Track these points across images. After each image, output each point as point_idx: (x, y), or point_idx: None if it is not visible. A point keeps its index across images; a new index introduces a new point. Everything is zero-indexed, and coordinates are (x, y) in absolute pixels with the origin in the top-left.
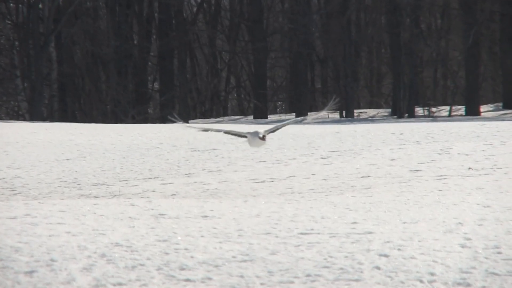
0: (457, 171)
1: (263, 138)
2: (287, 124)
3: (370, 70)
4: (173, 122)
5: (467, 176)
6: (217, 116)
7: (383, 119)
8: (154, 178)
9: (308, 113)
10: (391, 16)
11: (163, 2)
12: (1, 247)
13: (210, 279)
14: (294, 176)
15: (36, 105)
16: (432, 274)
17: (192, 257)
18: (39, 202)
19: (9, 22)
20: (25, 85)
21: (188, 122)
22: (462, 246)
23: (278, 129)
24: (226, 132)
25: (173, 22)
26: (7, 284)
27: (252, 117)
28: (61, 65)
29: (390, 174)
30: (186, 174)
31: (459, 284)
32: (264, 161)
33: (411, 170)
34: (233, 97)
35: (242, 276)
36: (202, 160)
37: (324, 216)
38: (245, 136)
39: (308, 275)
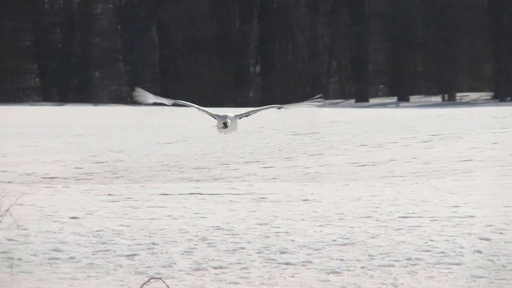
0: None
1: (224, 125)
2: (261, 109)
3: (471, 54)
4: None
5: None
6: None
7: (484, 102)
8: (255, 161)
9: (289, 105)
10: None
11: None
12: (103, 230)
13: (310, 262)
14: (395, 159)
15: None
16: None
17: (292, 240)
18: (141, 186)
19: (111, 6)
20: (127, 68)
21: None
22: None
23: (250, 114)
24: (200, 109)
25: (274, 5)
26: (109, 266)
27: (353, 100)
28: (162, 49)
29: (492, 157)
30: (287, 158)
31: None
32: (365, 145)
33: None
34: (334, 81)
35: (342, 260)
36: (303, 143)
37: (425, 200)
38: (215, 118)
39: (409, 259)
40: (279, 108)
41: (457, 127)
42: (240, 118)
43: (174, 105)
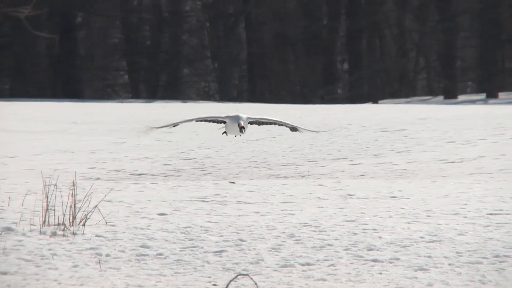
0: None
1: (241, 129)
2: (275, 122)
3: None
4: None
5: None
6: (406, 96)
7: None
8: (343, 158)
9: (303, 128)
10: None
11: None
12: (191, 226)
13: (397, 259)
14: (483, 156)
15: (226, 85)
16: None
17: (380, 237)
18: (229, 182)
19: (199, 3)
20: (215, 65)
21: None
22: None
23: (263, 121)
24: (199, 120)
25: (362, 2)
26: (196, 263)
27: (441, 97)
28: (251, 46)
29: None
30: (374, 155)
31: None
32: (454, 142)
33: None
34: (422, 77)
35: (430, 257)
36: (390, 140)
37: None
38: (224, 122)
39: (497, 256)
40: (292, 129)
41: None
42: (250, 124)
43: (174, 125)
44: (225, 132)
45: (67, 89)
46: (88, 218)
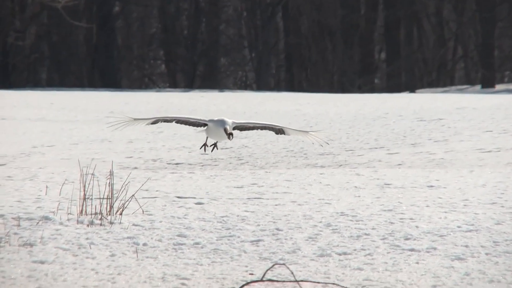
0: None
1: (228, 134)
2: (260, 127)
3: None
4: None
5: None
6: (444, 85)
7: None
8: (380, 147)
9: (291, 128)
10: None
11: None
12: (228, 216)
13: (434, 249)
14: None
15: (263, 75)
16: None
17: (417, 226)
18: (266, 172)
19: None
20: (253, 55)
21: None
22: None
23: (248, 126)
24: (180, 122)
25: None
26: (233, 252)
27: (479, 86)
28: (288, 35)
29: None
30: (412, 144)
31: None
32: (491, 131)
33: None
34: (460, 67)
35: (467, 246)
36: (428, 130)
37: None
38: (205, 124)
39: None
40: (278, 132)
41: None
42: (235, 129)
43: (154, 123)
44: (204, 145)
45: (105, 78)
46: (125, 208)
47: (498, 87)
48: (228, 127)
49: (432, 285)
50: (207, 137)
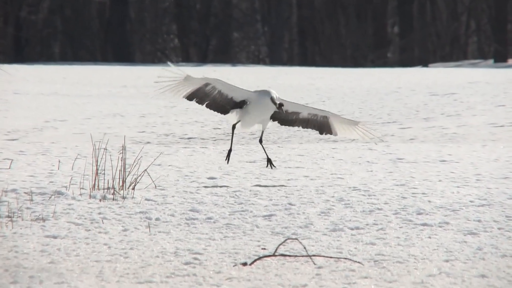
0: None
1: (279, 105)
2: (306, 120)
3: None
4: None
5: None
6: (457, 59)
7: None
8: (393, 122)
9: (338, 115)
10: None
11: None
12: (241, 190)
13: (447, 223)
14: None
15: (276, 49)
16: None
17: (429, 201)
18: (278, 146)
19: None
20: (265, 29)
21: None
22: None
23: (292, 119)
24: (214, 101)
25: None
26: (246, 227)
27: (492, 61)
28: (301, 9)
29: None
30: (424, 119)
31: None
32: (504, 105)
33: None
34: (473, 41)
35: (479, 221)
36: (441, 104)
37: None
38: (241, 106)
39: None
40: (322, 131)
41: None
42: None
43: (198, 96)
44: (229, 153)
45: (118, 53)
46: (138, 182)
47: (511, 61)
48: (275, 97)
49: (444, 260)
50: (232, 142)
